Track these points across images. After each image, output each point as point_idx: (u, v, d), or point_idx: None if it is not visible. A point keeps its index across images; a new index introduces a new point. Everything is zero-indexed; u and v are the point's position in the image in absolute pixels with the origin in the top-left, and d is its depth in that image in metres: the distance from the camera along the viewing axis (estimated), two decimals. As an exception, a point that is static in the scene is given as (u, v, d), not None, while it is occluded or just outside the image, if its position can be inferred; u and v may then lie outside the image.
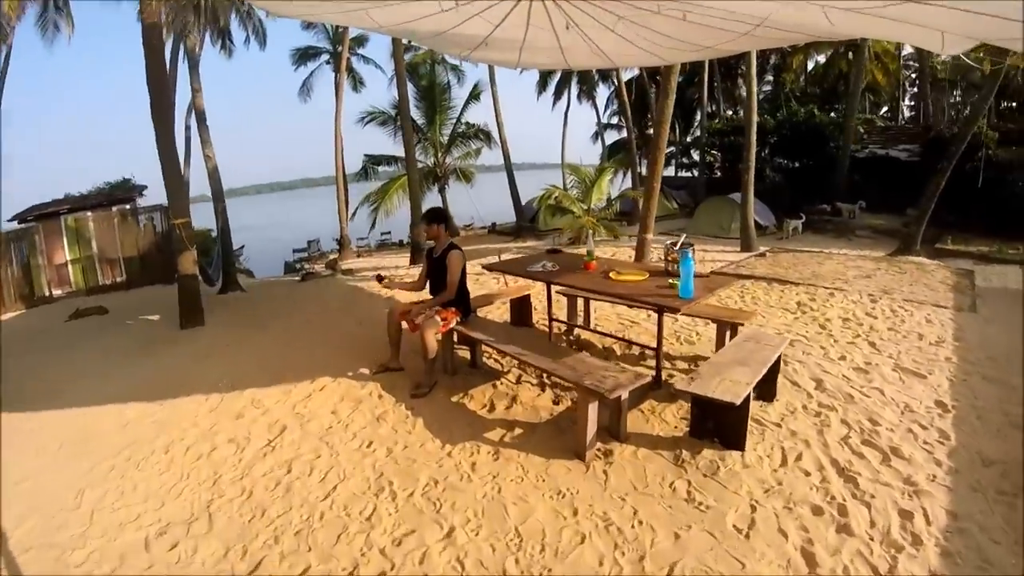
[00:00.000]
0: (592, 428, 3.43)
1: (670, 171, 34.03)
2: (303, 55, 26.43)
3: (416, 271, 11.81)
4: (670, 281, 4.09)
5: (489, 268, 5.33)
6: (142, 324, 8.76)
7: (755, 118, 13.53)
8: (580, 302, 5.85)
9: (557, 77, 32.56)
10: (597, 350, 5.25)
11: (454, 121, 23.37)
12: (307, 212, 57.87)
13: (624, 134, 35.94)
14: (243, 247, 23.73)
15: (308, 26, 25.44)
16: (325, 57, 26.48)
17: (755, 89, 13.69)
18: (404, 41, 14.02)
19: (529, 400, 4.18)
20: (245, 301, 10.20)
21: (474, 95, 23.54)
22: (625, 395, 3.47)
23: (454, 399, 4.26)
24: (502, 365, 4.89)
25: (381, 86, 27.50)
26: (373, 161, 23.52)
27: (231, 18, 17.61)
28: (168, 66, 15.11)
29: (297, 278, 13.74)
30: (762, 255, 11.76)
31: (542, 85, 33.55)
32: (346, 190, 22.08)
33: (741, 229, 13.65)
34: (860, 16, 3.24)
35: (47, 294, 13.12)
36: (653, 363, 4.87)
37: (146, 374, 5.70)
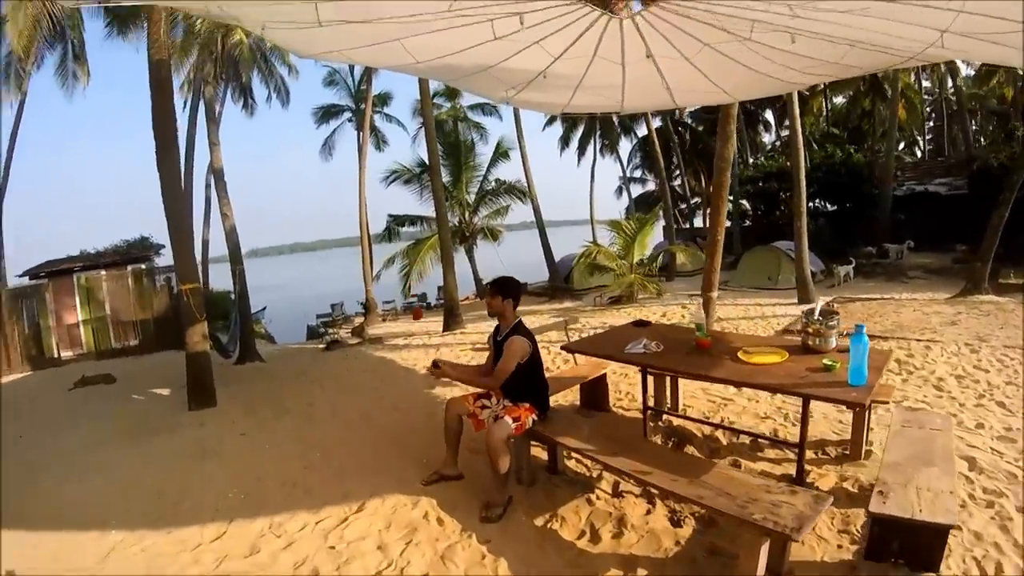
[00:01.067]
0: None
1: (697, 221, 33.40)
2: (326, 113, 26.46)
3: (451, 339, 10.88)
4: (824, 361, 3.11)
5: (569, 349, 4.27)
6: (148, 400, 7.84)
7: (802, 160, 12.72)
8: (668, 379, 4.81)
9: (580, 132, 32.18)
10: (699, 441, 4.19)
11: (480, 179, 22.94)
12: (329, 274, 57.67)
13: (649, 187, 35.58)
14: (265, 308, 23.05)
15: (330, 83, 25.51)
16: (347, 115, 26.47)
17: (799, 128, 12.95)
18: (432, 86, 13.49)
19: (640, 521, 3.09)
20: (264, 374, 9.25)
21: (501, 152, 23.13)
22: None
23: (539, 522, 3.16)
24: (587, 467, 3.82)
25: (403, 145, 27.42)
26: (397, 222, 22.98)
27: (253, 75, 17.44)
28: (188, 123, 14.88)
29: (321, 346, 12.82)
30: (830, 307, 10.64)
31: (565, 141, 33.08)
32: (371, 251, 21.46)
33: (797, 280, 12.67)
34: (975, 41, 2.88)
35: (56, 355, 12.35)
36: (770, 452, 3.94)
37: (141, 472, 4.66)
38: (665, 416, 4.58)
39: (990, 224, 11.54)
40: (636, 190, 36.23)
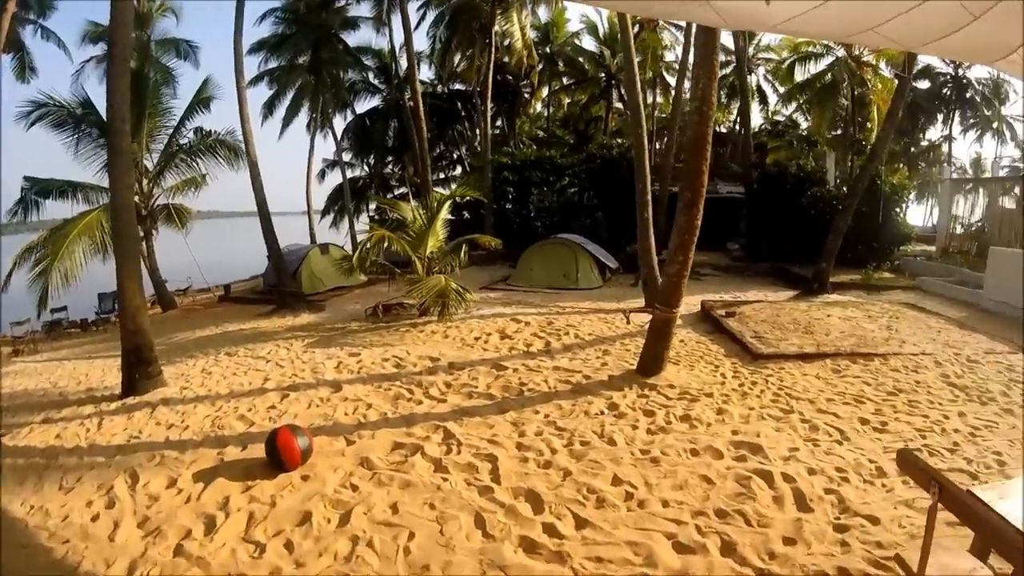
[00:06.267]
0: None
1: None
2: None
3: (149, 424, 4.33)
4: None
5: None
6: None
7: (646, 145, 10.85)
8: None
9: (287, 100, 25.23)
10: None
11: (169, 134, 16.06)
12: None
13: (359, 172, 29.40)
14: None
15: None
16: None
17: (642, 113, 11.02)
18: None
19: None
20: None
21: (201, 98, 16.48)
22: None
23: None
24: None
25: (61, 78, 18.77)
26: (40, 190, 14.83)
27: None
28: None
29: None
30: (732, 314, 8.63)
31: (269, 108, 25.30)
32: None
33: (648, 279, 10.55)
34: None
35: None
36: None
37: None
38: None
39: (834, 227, 12.02)
40: (337, 177, 29.07)
